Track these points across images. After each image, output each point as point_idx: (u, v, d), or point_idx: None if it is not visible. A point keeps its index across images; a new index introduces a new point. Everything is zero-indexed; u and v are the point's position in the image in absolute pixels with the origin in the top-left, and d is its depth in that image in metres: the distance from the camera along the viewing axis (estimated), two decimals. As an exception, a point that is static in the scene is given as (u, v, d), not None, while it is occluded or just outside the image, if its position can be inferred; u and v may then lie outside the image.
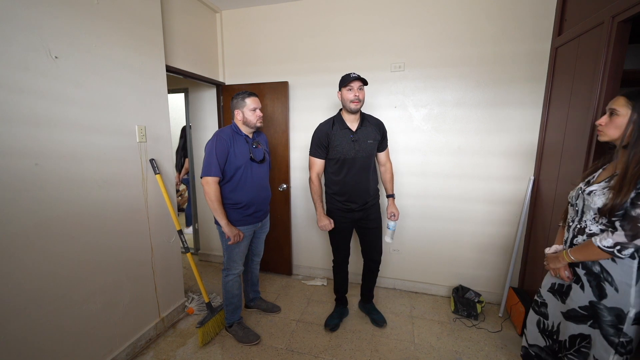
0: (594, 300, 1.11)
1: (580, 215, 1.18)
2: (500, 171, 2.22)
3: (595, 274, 1.11)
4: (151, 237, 1.93)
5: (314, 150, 1.90)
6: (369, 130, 1.88)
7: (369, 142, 1.86)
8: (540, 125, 2.09)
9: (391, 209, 2.02)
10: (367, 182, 1.91)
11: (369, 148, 1.87)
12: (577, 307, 1.16)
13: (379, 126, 1.93)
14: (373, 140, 1.87)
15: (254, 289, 2.24)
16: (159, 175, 1.91)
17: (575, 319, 1.18)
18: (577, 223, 1.19)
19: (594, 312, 1.12)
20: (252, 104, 1.80)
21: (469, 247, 2.38)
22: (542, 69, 2.04)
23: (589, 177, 1.22)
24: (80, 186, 1.50)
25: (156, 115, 1.93)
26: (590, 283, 1.13)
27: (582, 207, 1.17)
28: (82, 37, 1.47)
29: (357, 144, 1.85)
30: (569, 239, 1.22)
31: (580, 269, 1.17)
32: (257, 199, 1.88)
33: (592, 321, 1.13)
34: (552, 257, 1.27)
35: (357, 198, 1.91)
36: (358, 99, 1.76)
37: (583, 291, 1.15)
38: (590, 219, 1.13)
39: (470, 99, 2.20)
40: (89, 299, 1.57)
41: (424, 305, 2.38)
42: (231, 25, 2.64)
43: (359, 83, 1.76)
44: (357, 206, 1.92)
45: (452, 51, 2.18)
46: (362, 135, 1.86)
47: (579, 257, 1.14)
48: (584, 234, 1.15)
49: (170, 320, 2.11)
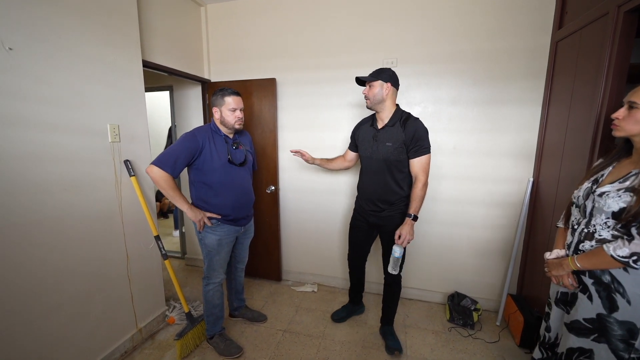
0: (603, 313, 1.00)
1: (589, 218, 1.06)
2: (497, 172, 2.11)
3: (605, 284, 1.00)
4: (126, 244, 1.81)
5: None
6: (393, 132, 1.67)
7: (387, 145, 1.68)
8: (539, 124, 1.98)
9: (400, 230, 1.65)
10: (383, 189, 1.74)
11: (386, 151, 1.68)
12: (581, 319, 1.05)
13: (410, 129, 1.63)
14: (392, 143, 1.66)
15: (239, 297, 2.12)
16: (134, 178, 1.79)
17: (577, 332, 1.07)
18: (584, 226, 1.07)
19: (601, 326, 1.01)
20: (232, 103, 1.66)
21: (464, 252, 2.27)
22: (542, 65, 1.93)
23: (595, 175, 1.10)
24: (42, 190, 1.38)
25: (131, 114, 1.81)
26: (599, 294, 1.02)
27: (590, 210, 1.05)
28: (43, 28, 1.35)
29: (376, 144, 1.73)
30: (573, 244, 1.11)
31: (587, 277, 1.05)
32: (238, 203, 1.76)
33: (597, 335, 1.02)
34: (554, 263, 1.16)
35: (370, 202, 1.81)
36: (366, 97, 1.70)
37: (591, 302, 1.03)
38: (600, 223, 1.01)
39: (466, 96, 2.09)
40: (54, 312, 1.45)
41: (418, 313, 2.26)
42: (217, 20, 2.52)
43: (365, 84, 1.72)
44: (370, 209, 1.82)
45: (446, 47, 2.07)
46: (384, 136, 1.70)
47: (587, 265, 1.03)
48: (592, 239, 1.03)
49: (149, 331, 1.99)
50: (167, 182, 1.55)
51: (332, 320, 2.15)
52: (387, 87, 1.65)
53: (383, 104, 1.68)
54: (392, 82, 1.66)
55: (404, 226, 1.65)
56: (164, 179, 1.54)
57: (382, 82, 1.64)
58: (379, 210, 1.78)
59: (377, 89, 1.65)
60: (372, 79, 1.65)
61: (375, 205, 1.79)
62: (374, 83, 1.66)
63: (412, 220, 1.64)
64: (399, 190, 1.73)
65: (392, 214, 1.75)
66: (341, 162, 2.03)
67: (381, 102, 1.67)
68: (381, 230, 1.84)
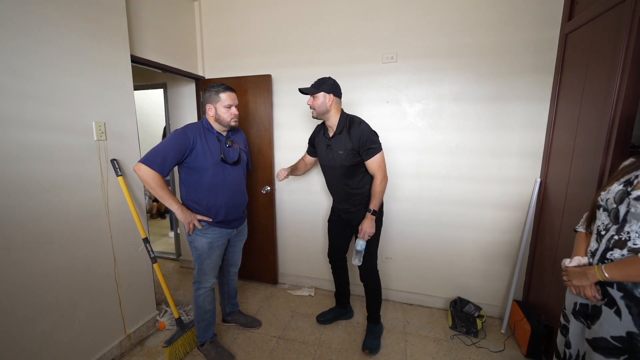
0: (635, 331, 0.89)
1: (621, 224, 0.95)
2: (502, 172, 2.01)
3: (638, 299, 0.89)
4: (114, 246, 1.74)
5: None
6: (342, 139, 1.70)
7: (339, 153, 1.71)
8: (547, 122, 1.88)
9: (362, 225, 1.70)
10: (346, 191, 1.79)
11: (340, 158, 1.71)
12: (608, 337, 0.95)
13: (355, 135, 1.66)
14: (343, 151, 1.69)
15: (232, 301, 2.04)
16: (122, 178, 1.72)
17: (604, 351, 0.96)
18: (615, 233, 0.96)
19: (633, 346, 0.90)
20: (227, 99, 1.59)
21: (467, 256, 2.17)
22: (550, 59, 1.83)
23: (627, 176, 0.98)
24: (18, 190, 1.30)
25: (119, 111, 1.74)
26: (630, 309, 0.91)
27: (624, 215, 0.94)
28: (18, 19, 1.27)
29: (330, 152, 1.76)
30: (599, 252, 1.00)
31: (615, 290, 0.94)
32: (231, 204, 1.67)
33: (628, 356, 0.91)
34: (575, 271, 1.04)
35: (338, 203, 1.90)
36: (312, 107, 1.71)
37: (620, 318, 0.92)
38: (636, 230, 0.90)
39: (469, 93, 1.99)
40: (34, 319, 1.37)
41: (419, 319, 2.17)
42: (211, 14, 2.44)
43: (309, 95, 1.71)
44: (341, 208, 1.89)
45: (449, 40, 1.97)
46: (335, 144, 1.73)
47: (617, 277, 0.92)
48: (624, 247, 0.93)
49: (138, 337, 1.91)
50: (155, 181, 1.47)
51: (318, 322, 2.12)
52: (329, 98, 1.66)
53: (328, 113, 1.70)
54: (334, 92, 1.67)
55: (365, 221, 1.70)
56: (152, 178, 1.46)
57: (325, 93, 1.66)
58: (347, 209, 1.84)
59: (320, 100, 1.66)
60: (314, 91, 1.66)
61: (342, 204, 1.86)
62: (317, 95, 1.66)
63: (372, 215, 1.69)
64: (361, 189, 1.77)
65: (359, 209, 1.79)
66: (304, 166, 2.03)
67: (326, 112, 1.69)
68: (352, 224, 1.87)
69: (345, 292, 2.13)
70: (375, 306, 1.91)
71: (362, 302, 2.32)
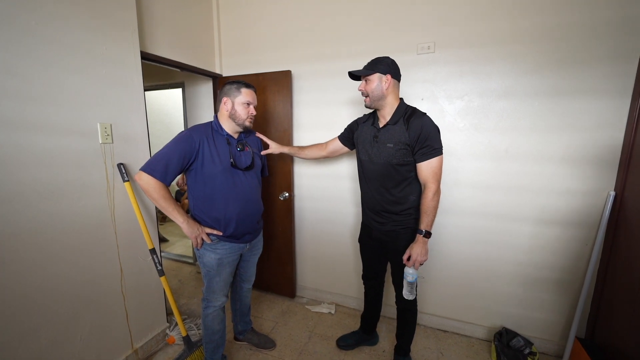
0: None
1: None
2: (563, 183, 1.67)
3: None
4: (120, 257, 1.63)
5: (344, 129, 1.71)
6: (396, 130, 1.39)
7: (387, 146, 1.41)
8: (627, 122, 1.52)
9: (410, 250, 1.38)
10: (386, 197, 1.48)
11: (387, 153, 1.41)
12: None
13: (415, 127, 1.35)
14: (394, 145, 1.39)
15: (244, 319, 1.87)
16: (129, 183, 1.59)
17: None
18: None
19: None
20: (247, 96, 1.44)
21: (515, 280, 1.84)
22: (632, 45, 1.46)
23: None
24: (16, 199, 1.20)
25: (126, 111, 1.62)
26: None
27: None
28: (13, 13, 1.17)
29: (376, 145, 1.46)
30: None
31: None
32: (243, 215, 1.49)
33: None
34: None
35: (373, 212, 1.56)
36: (364, 94, 1.44)
37: None
38: None
39: (524, 86, 1.66)
40: (30, 336, 1.27)
41: (456, 350, 1.88)
42: (229, 8, 2.28)
43: (360, 78, 1.47)
44: (373, 221, 1.57)
45: (499, 24, 1.66)
46: (385, 136, 1.43)
47: None
48: None
49: (146, 352, 1.80)
50: (157, 191, 1.32)
51: (338, 347, 1.88)
52: (386, 80, 1.37)
53: (384, 99, 1.41)
54: (392, 73, 1.38)
55: (414, 245, 1.38)
56: (153, 188, 1.31)
57: (381, 75, 1.37)
58: (382, 223, 1.52)
59: (375, 83, 1.38)
60: (368, 72, 1.39)
61: (378, 215, 1.53)
62: (370, 77, 1.39)
63: (424, 237, 1.36)
64: (404, 199, 1.45)
65: (396, 229, 1.48)
66: (317, 151, 1.79)
67: (382, 98, 1.40)
68: (387, 248, 1.58)
69: (374, 318, 1.86)
70: (408, 337, 1.65)
71: (388, 324, 2.07)
